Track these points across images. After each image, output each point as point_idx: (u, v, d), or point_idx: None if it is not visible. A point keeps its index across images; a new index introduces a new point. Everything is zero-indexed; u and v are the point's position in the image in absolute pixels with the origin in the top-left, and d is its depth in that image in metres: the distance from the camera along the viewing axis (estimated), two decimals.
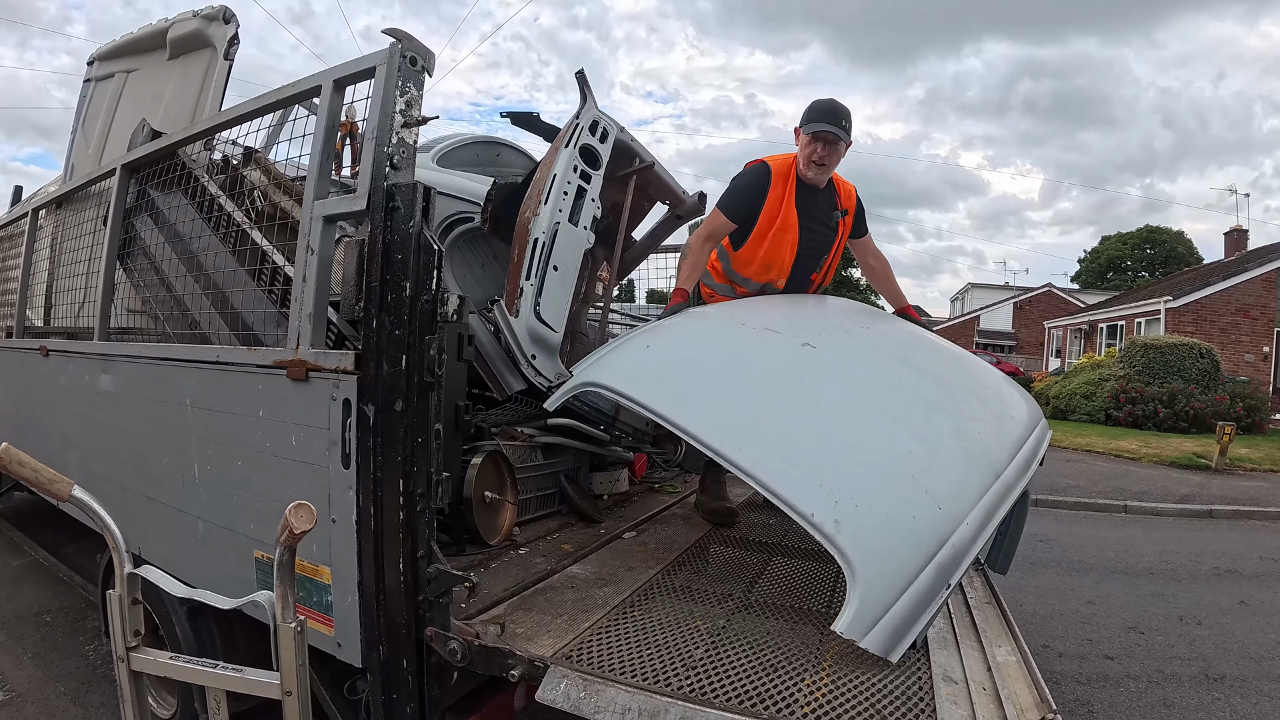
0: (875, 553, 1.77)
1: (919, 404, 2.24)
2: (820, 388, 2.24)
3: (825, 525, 1.80)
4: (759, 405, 2.15)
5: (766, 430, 2.07)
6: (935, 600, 1.75)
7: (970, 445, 2.13)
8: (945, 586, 1.76)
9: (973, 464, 2.06)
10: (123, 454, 2.79)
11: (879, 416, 2.15)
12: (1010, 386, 2.71)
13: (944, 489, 1.91)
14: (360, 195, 1.78)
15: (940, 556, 1.77)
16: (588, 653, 1.72)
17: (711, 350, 2.48)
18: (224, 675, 1.53)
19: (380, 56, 1.85)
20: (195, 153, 2.70)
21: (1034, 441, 2.40)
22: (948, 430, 2.15)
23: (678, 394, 2.21)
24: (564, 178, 2.75)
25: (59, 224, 3.77)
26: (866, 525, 1.81)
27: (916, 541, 1.78)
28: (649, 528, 2.88)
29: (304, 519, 1.26)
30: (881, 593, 1.71)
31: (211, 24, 3.12)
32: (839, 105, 2.88)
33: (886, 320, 3.08)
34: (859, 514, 1.82)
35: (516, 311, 2.63)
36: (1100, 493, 8.34)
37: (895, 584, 1.72)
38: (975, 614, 2.15)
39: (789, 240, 2.97)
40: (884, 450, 2.03)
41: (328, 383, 1.80)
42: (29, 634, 3.83)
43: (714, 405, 2.16)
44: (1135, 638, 4.19)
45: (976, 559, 2.37)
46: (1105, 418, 14.95)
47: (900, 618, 1.70)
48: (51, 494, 1.52)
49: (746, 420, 2.10)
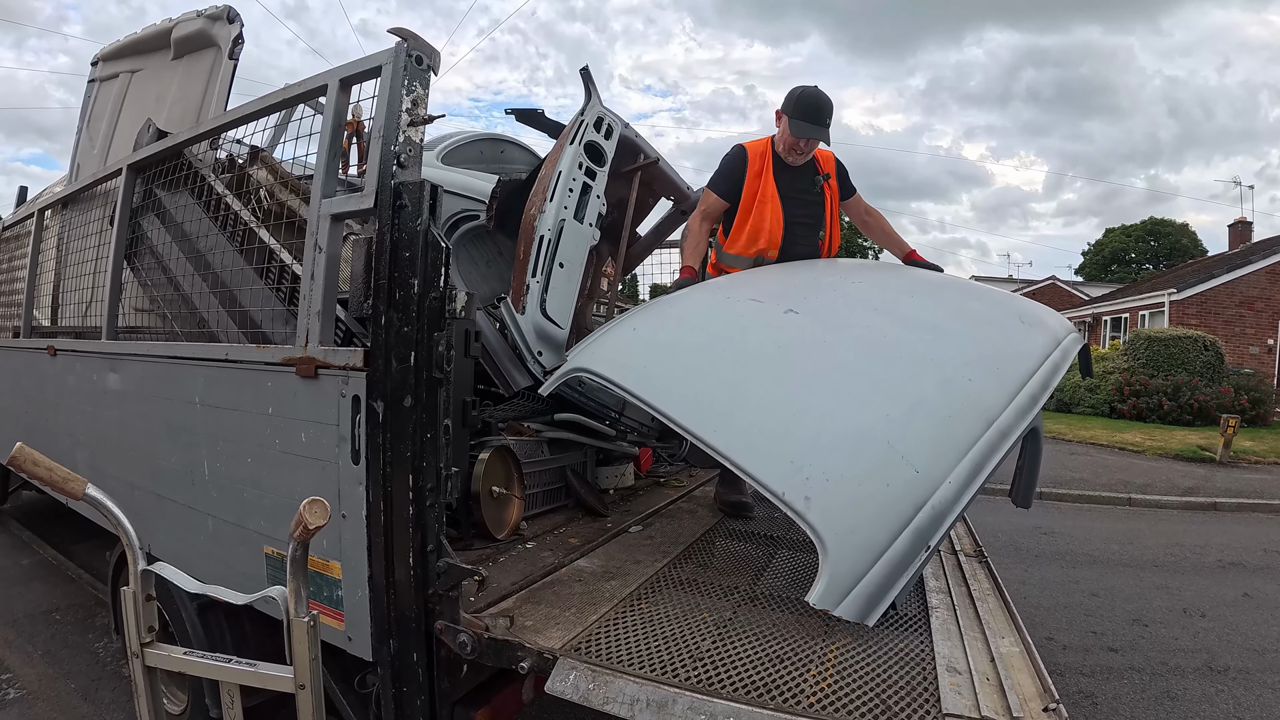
0: (846, 526, 1.80)
1: (904, 360, 2.23)
2: (798, 359, 2.25)
3: (796, 503, 1.83)
4: (734, 383, 2.18)
5: (740, 409, 2.10)
6: (912, 564, 1.78)
7: (958, 397, 2.11)
8: (924, 549, 1.79)
9: (960, 418, 2.04)
10: (132, 452, 2.81)
11: (858, 382, 2.15)
12: (1027, 310, 2.65)
13: (923, 451, 1.92)
14: (368, 194, 1.80)
15: (918, 520, 1.79)
16: (596, 645, 1.74)
17: (693, 330, 2.50)
18: (238, 670, 1.55)
19: (386, 56, 1.87)
20: (201, 152, 2.71)
21: (1050, 366, 2.36)
22: (933, 385, 2.14)
23: (657, 377, 2.25)
24: (569, 175, 2.76)
25: (65, 224, 3.78)
26: (837, 499, 1.84)
27: (890, 510, 1.81)
28: (655, 521, 2.90)
29: (318, 515, 1.28)
30: (852, 564, 1.76)
31: (216, 24, 3.13)
32: (825, 103, 2.95)
33: (884, 271, 3.11)
34: (829, 489, 1.85)
35: (523, 308, 2.64)
36: (1104, 485, 8.34)
37: (867, 554, 1.76)
38: (979, 605, 2.16)
39: (770, 210, 3.05)
40: (859, 419, 2.04)
41: (337, 379, 1.81)
42: (39, 632, 3.86)
43: (690, 386, 2.19)
44: (1139, 630, 4.20)
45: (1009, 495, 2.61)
46: (1110, 410, 14.92)
47: (874, 585, 1.75)
48: (66, 493, 1.54)
49: (721, 399, 2.13)
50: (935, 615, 2.06)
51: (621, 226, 3.55)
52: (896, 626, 1.97)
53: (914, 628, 1.97)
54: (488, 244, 3.55)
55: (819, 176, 3.14)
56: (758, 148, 3.11)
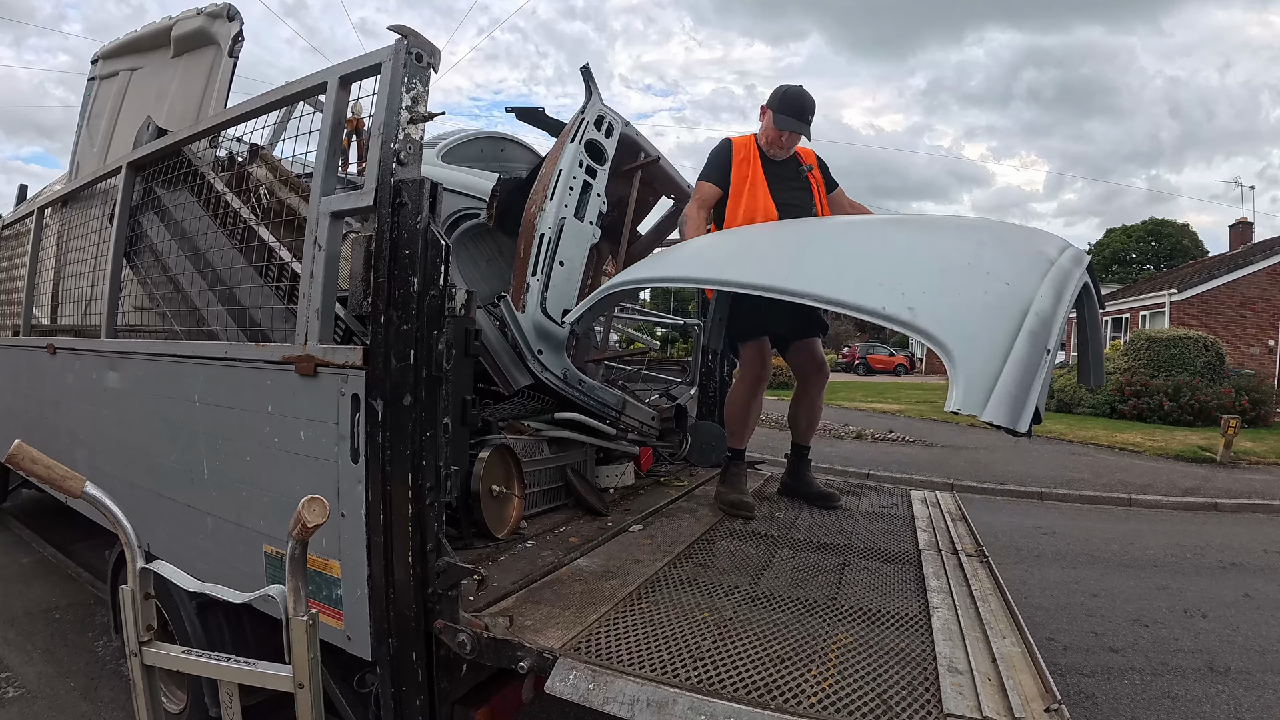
0: (962, 331, 1.72)
1: (948, 230, 2.35)
2: (839, 234, 2.43)
3: (900, 314, 1.77)
4: (792, 252, 2.31)
5: (804, 263, 2.17)
6: (1041, 368, 1.67)
7: (1015, 244, 2.14)
8: (1044, 352, 1.69)
9: (1023, 255, 2.05)
10: (131, 450, 2.81)
11: (913, 236, 2.26)
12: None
13: (1005, 269, 1.90)
14: (367, 191, 1.79)
15: (1028, 324, 1.71)
16: (596, 644, 1.74)
17: (721, 241, 2.70)
18: (237, 669, 1.54)
19: (386, 53, 1.86)
20: (201, 150, 2.70)
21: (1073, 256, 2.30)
22: (988, 239, 2.16)
23: (707, 262, 2.38)
24: (570, 173, 2.76)
25: (65, 222, 3.78)
26: (942, 308, 1.79)
27: (997, 315, 1.74)
28: (655, 521, 2.89)
29: (317, 513, 1.27)
30: (983, 365, 1.64)
31: (216, 21, 3.13)
32: (808, 101, 3.15)
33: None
34: (930, 299, 1.80)
35: (523, 307, 2.64)
36: (1105, 486, 8.33)
37: (993, 356, 1.65)
38: (980, 606, 2.15)
39: (761, 193, 3.15)
40: (931, 254, 2.06)
41: (336, 378, 1.81)
42: (39, 630, 3.85)
43: (744, 262, 2.31)
44: (1140, 630, 4.19)
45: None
46: (1110, 411, 14.92)
47: (1012, 388, 1.61)
48: (64, 490, 1.53)
49: (781, 262, 2.20)
50: (936, 615, 2.05)
51: (622, 225, 3.55)
52: (898, 626, 1.97)
53: (915, 627, 1.97)
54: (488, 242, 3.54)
55: (803, 167, 3.29)
56: (742, 140, 3.27)
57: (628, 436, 3.14)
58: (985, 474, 8.88)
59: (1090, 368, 2.57)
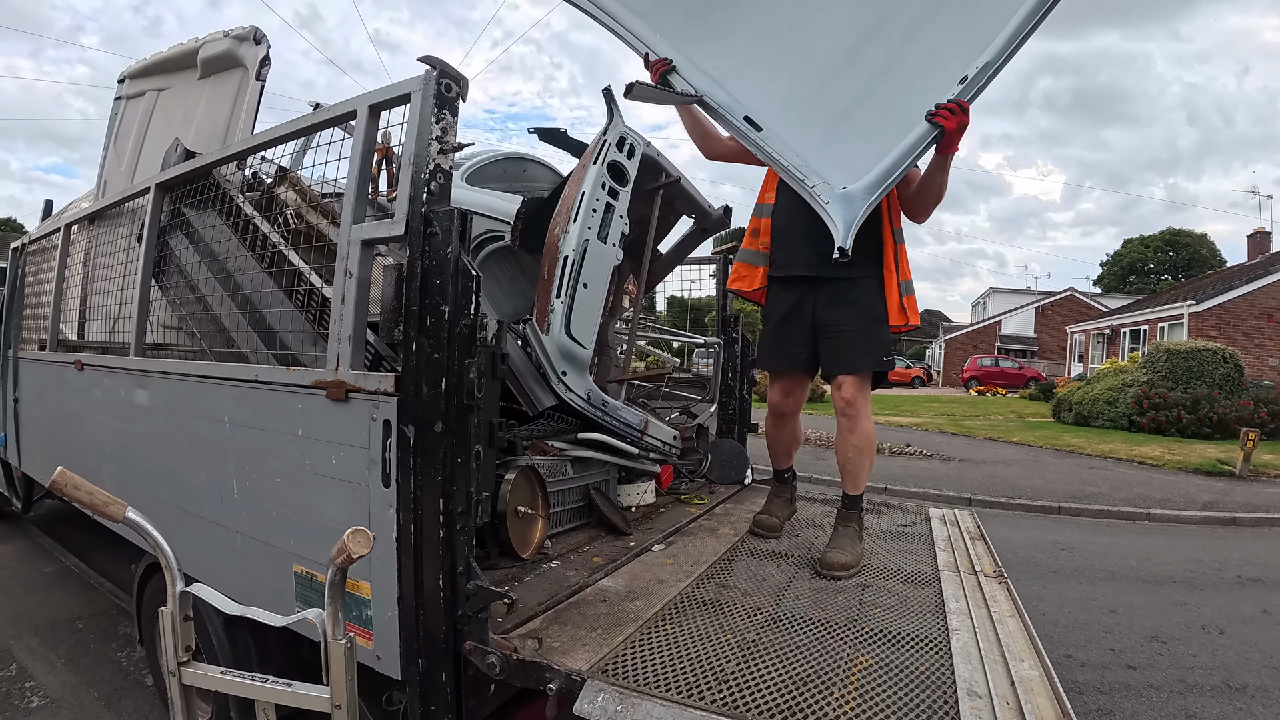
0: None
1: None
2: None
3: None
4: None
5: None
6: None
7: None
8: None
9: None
10: (159, 467, 2.85)
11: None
12: None
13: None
14: (398, 220, 1.83)
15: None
16: (622, 666, 1.76)
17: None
18: (275, 689, 1.57)
19: (415, 83, 1.89)
20: (230, 173, 2.75)
21: None
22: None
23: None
24: (593, 195, 2.79)
25: (92, 240, 3.84)
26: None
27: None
28: (677, 540, 2.91)
29: (361, 544, 1.31)
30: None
31: (242, 44, 3.18)
32: None
33: None
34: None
35: (548, 329, 2.67)
36: (1123, 500, 8.29)
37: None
38: (999, 628, 2.17)
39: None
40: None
41: (368, 404, 1.84)
42: (62, 640, 3.91)
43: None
44: (1157, 647, 4.18)
45: None
46: (1129, 424, 14.86)
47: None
48: (106, 516, 1.57)
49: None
50: (956, 637, 2.07)
51: (643, 244, 3.57)
52: (918, 648, 1.99)
53: (935, 649, 1.99)
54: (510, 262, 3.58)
55: None
56: None
57: (649, 455, 3.16)
58: (1003, 488, 8.86)
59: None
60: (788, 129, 2.64)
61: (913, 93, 2.46)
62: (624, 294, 3.85)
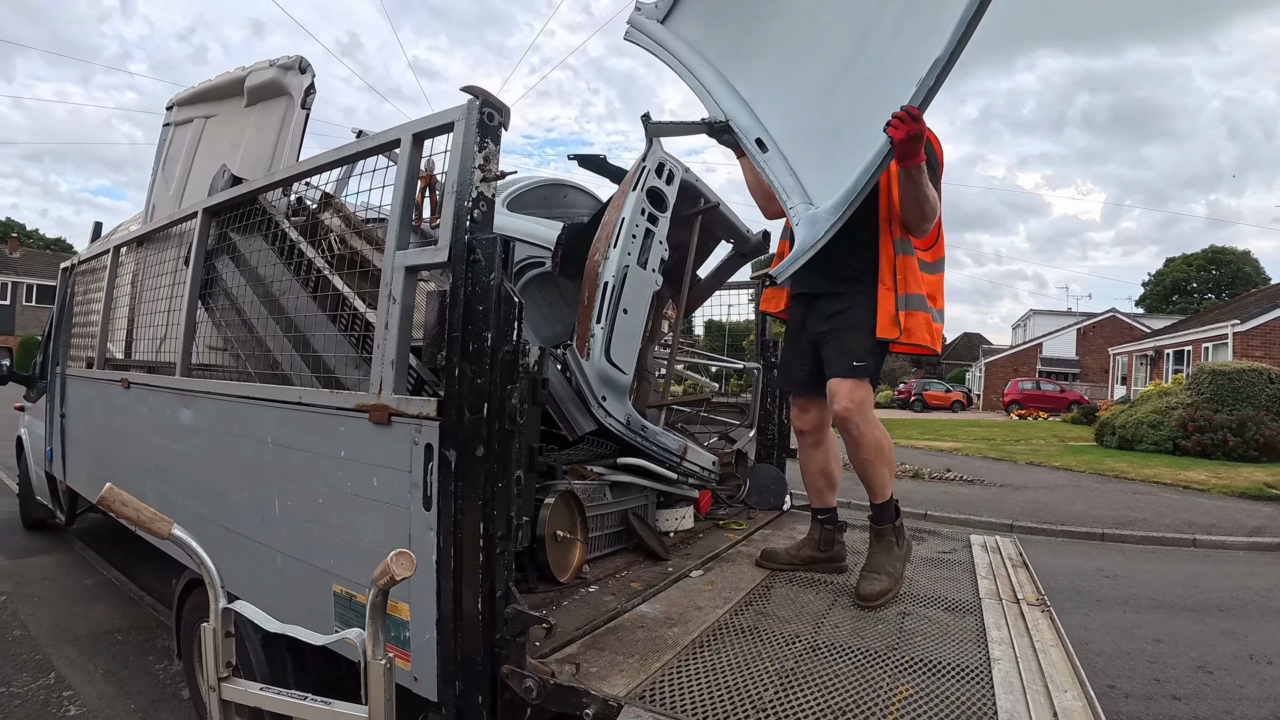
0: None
1: None
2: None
3: None
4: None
5: None
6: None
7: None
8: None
9: None
10: (201, 485, 2.91)
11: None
12: None
13: None
14: (441, 247, 1.85)
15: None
16: (660, 693, 1.76)
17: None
18: (314, 708, 1.58)
19: (458, 112, 1.92)
20: (275, 199, 2.82)
21: None
22: None
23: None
24: (632, 221, 2.81)
25: (140, 261, 3.94)
26: None
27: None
28: (715, 566, 2.89)
29: (405, 567, 1.32)
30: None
31: (288, 73, 3.26)
32: None
33: None
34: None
35: (588, 354, 2.69)
36: (1168, 526, 8.11)
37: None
38: (1041, 658, 2.12)
39: None
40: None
41: (410, 427, 1.86)
42: (101, 651, 3.98)
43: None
44: (1204, 677, 4.06)
45: None
46: (1173, 447, 14.55)
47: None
48: (152, 532, 1.60)
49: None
50: (998, 667, 2.03)
51: (682, 269, 3.59)
52: (959, 678, 1.95)
53: (976, 679, 1.95)
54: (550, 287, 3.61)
55: None
56: None
57: (688, 481, 3.16)
58: (1045, 514, 8.69)
59: None
60: (794, 148, 2.58)
61: (888, 102, 2.27)
62: (663, 318, 3.86)
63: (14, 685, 3.52)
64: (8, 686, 3.51)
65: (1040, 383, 34.23)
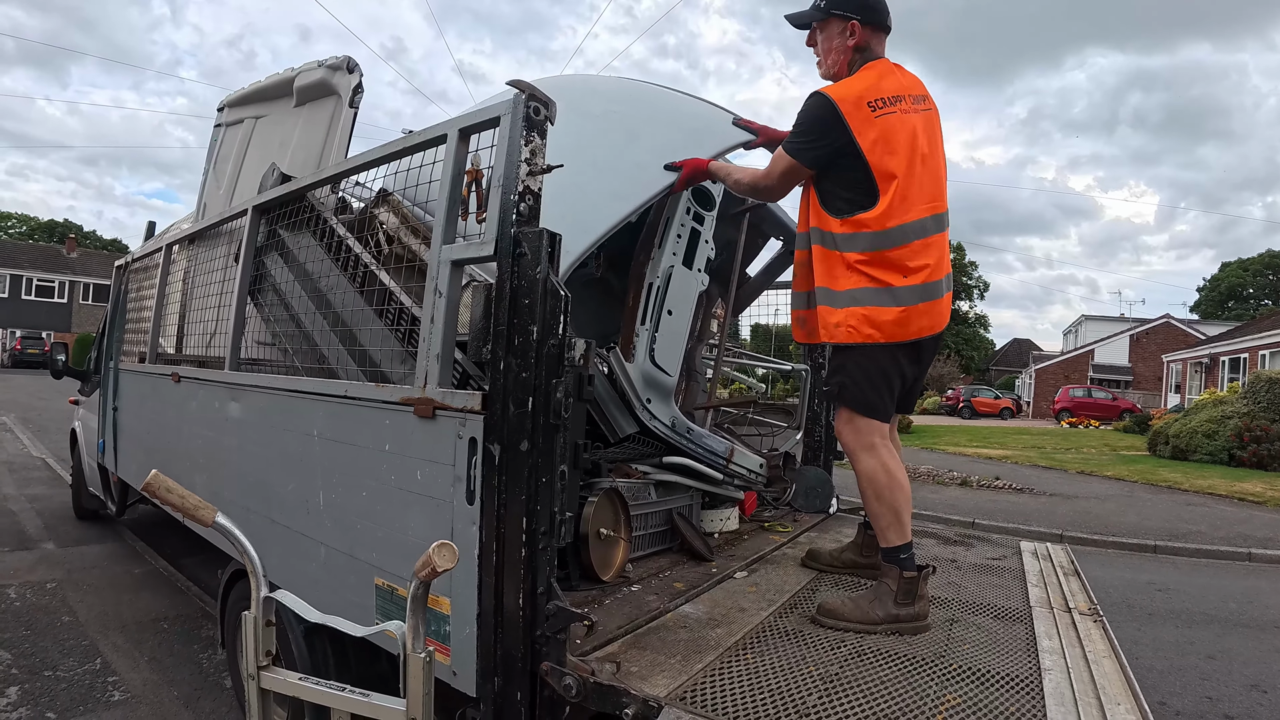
0: None
1: None
2: None
3: None
4: None
5: None
6: None
7: None
8: None
9: None
10: (249, 477, 2.95)
11: None
12: None
13: None
14: (488, 241, 1.86)
15: None
16: (701, 694, 1.73)
17: None
18: (351, 699, 1.58)
19: (504, 107, 1.92)
20: (324, 196, 2.85)
21: None
22: None
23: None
24: (678, 221, 2.80)
25: (191, 259, 4.03)
26: None
27: None
28: (760, 568, 2.86)
29: (446, 558, 1.32)
30: None
31: (336, 73, 3.30)
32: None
33: None
34: None
35: (632, 356, 2.68)
36: (1223, 539, 7.86)
37: None
38: (1094, 669, 2.06)
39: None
40: None
41: (454, 421, 1.87)
42: (147, 639, 4.06)
43: None
44: (1258, 696, 3.92)
45: None
46: (1229, 458, 14.14)
47: None
48: (196, 519, 1.62)
49: None
50: (1049, 677, 1.97)
51: (730, 268, 3.56)
52: (1008, 687, 1.90)
53: (1026, 689, 1.89)
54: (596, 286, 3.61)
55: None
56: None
57: (734, 482, 3.13)
58: (1096, 525, 8.49)
59: None
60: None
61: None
62: (712, 317, 3.84)
63: (60, 669, 3.61)
64: (54, 670, 3.60)
65: (1092, 390, 33.47)
